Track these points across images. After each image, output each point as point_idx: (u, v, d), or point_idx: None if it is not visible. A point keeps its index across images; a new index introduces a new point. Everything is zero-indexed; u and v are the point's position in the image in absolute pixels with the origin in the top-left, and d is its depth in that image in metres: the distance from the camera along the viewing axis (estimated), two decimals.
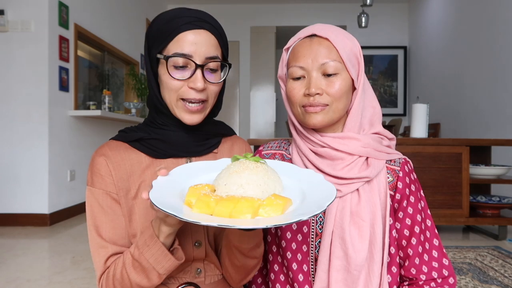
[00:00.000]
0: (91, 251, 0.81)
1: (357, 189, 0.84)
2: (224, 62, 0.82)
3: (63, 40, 3.68)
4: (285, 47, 0.90)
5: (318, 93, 0.82)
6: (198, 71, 0.77)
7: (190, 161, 0.85)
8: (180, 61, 0.77)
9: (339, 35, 0.84)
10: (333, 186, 0.67)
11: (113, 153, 0.82)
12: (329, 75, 0.83)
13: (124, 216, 0.81)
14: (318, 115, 0.83)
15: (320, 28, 0.85)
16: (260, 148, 1.02)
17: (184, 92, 0.78)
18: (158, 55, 0.79)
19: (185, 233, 0.81)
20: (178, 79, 0.78)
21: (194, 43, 0.77)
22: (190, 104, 0.79)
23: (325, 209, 0.57)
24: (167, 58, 0.77)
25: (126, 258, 0.74)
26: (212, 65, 0.80)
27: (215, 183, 0.67)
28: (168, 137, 0.83)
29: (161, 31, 0.78)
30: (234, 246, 0.77)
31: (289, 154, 0.96)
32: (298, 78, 0.85)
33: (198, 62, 0.77)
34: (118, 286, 0.75)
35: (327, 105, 0.83)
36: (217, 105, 0.89)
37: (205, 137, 0.87)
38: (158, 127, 0.84)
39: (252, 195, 0.62)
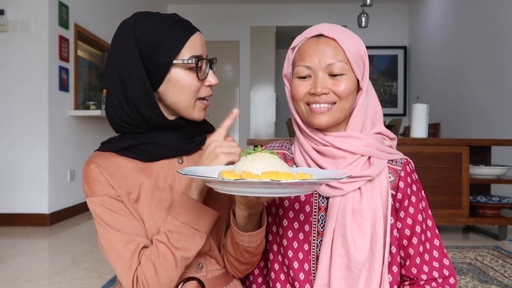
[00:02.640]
0: (113, 259, 0.76)
1: (359, 188, 0.84)
2: (208, 59, 0.86)
3: (63, 40, 3.68)
4: (291, 46, 0.90)
5: (324, 93, 0.83)
6: (211, 69, 0.84)
7: (181, 160, 0.86)
8: (200, 63, 0.82)
9: (345, 36, 0.84)
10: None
11: (105, 162, 0.80)
12: (335, 75, 0.83)
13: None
14: (324, 116, 0.84)
15: (327, 28, 0.85)
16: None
17: (202, 91, 0.84)
18: (176, 61, 0.79)
19: None
20: (200, 79, 0.82)
21: (201, 44, 0.83)
22: (205, 101, 0.86)
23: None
24: (197, 62, 0.80)
25: (162, 239, 0.75)
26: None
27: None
28: (159, 140, 0.83)
29: (166, 37, 0.78)
30: (242, 248, 0.83)
31: (291, 154, 0.96)
32: (304, 77, 0.85)
33: None
34: (161, 269, 0.73)
35: (335, 102, 0.84)
36: None
37: (191, 135, 0.88)
38: (145, 131, 0.83)
39: None
